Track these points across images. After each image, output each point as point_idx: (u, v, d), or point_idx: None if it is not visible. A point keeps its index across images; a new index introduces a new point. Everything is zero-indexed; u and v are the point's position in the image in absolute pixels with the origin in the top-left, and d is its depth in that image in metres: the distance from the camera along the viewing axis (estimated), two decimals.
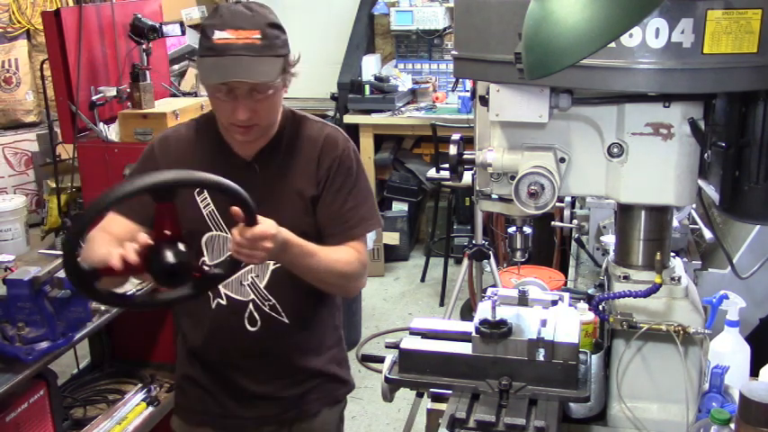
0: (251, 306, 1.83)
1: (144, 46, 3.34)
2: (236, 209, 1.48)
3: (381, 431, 3.64)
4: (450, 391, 1.59)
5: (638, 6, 1.07)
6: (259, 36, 1.66)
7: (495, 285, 3.20)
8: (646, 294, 1.49)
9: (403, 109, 5.46)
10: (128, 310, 2.72)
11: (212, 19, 1.68)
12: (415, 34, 5.80)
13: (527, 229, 1.66)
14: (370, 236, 4.20)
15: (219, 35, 1.65)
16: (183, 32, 3.68)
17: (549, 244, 3.86)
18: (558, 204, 2.41)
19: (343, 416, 2.09)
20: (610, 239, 2.25)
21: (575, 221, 2.72)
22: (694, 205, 2.38)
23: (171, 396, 2.93)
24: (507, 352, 1.53)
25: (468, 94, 4.84)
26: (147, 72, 3.33)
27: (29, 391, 2.38)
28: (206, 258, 1.81)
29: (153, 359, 3.38)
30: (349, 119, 5.42)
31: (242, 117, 1.69)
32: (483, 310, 1.60)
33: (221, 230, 1.78)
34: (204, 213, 1.78)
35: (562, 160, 1.50)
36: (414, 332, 1.69)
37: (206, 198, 1.78)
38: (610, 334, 1.65)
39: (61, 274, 2.28)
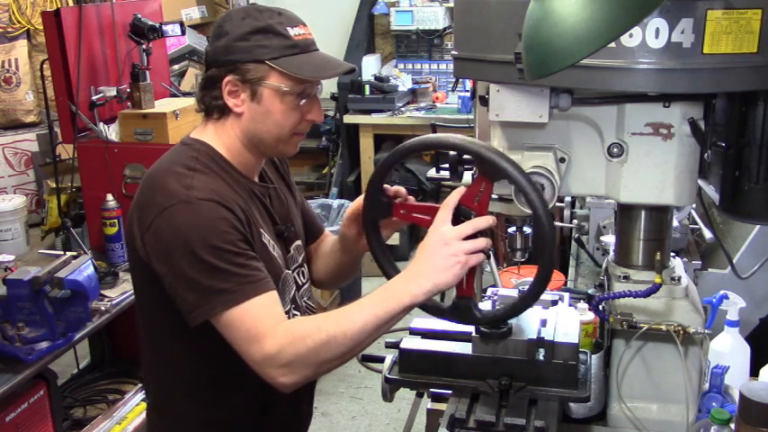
0: None
1: (144, 46, 3.34)
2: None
3: (381, 431, 3.64)
4: (450, 391, 1.59)
5: (638, 6, 1.07)
6: None
7: (495, 285, 3.19)
8: (646, 294, 1.49)
9: (403, 109, 5.46)
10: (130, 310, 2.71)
11: (271, 19, 1.51)
12: (415, 34, 5.80)
13: (527, 229, 1.66)
14: None
15: (296, 31, 1.52)
16: (183, 32, 3.67)
17: None
18: (558, 204, 2.41)
19: None
20: (610, 239, 2.25)
21: (575, 221, 2.72)
22: (694, 205, 2.38)
23: None
24: (507, 352, 1.53)
25: (468, 94, 4.84)
26: (147, 72, 3.33)
27: (29, 391, 2.38)
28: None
29: None
30: (349, 119, 5.43)
31: (321, 117, 1.60)
32: None
33: (287, 269, 1.68)
34: (275, 255, 1.61)
35: (562, 160, 1.50)
36: (414, 332, 1.69)
37: (269, 239, 1.61)
38: (610, 334, 1.65)
39: (61, 274, 2.28)
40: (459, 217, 1.40)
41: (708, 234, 2.47)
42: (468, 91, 4.74)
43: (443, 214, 1.39)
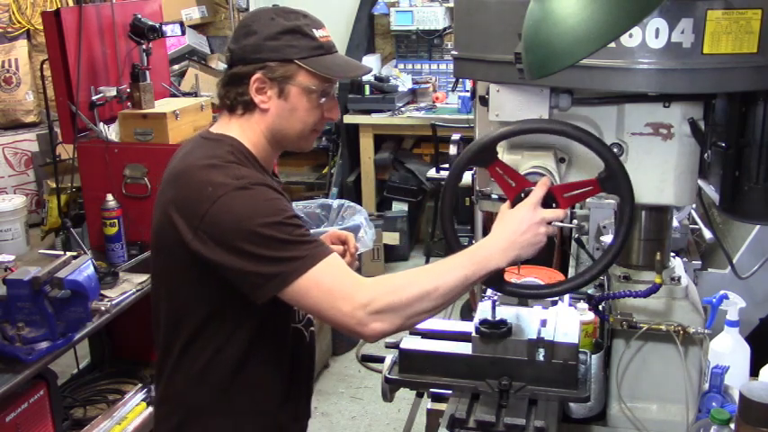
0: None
1: (144, 46, 3.34)
2: None
3: (381, 431, 3.64)
4: (450, 391, 1.59)
5: (638, 6, 1.07)
6: None
7: None
8: (646, 294, 1.49)
9: (403, 109, 5.46)
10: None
11: (296, 20, 1.58)
12: (414, 34, 5.80)
13: None
14: (370, 236, 4.22)
15: (320, 33, 1.60)
16: (183, 32, 3.67)
17: (549, 244, 3.86)
18: None
19: None
20: (610, 239, 2.25)
21: (575, 221, 2.71)
22: (694, 205, 2.38)
23: None
24: (507, 352, 1.53)
25: (468, 94, 4.84)
26: (147, 72, 3.33)
27: (29, 391, 2.38)
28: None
29: (153, 359, 3.35)
30: (349, 119, 5.42)
31: (338, 115, 1.68)
32: (483, 310, 1.61)
33: None
34: None
35: (562, 160, 1.50)
36: (414, 332, 1.69)
37: None
38: (610, 334, 1.65)
39: (61, 274, 2.28)
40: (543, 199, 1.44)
41: (708, 234, 2.47)
42: (468, 91, 4.73)
43: (540, 192, 1.43)
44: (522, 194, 1.44)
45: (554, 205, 1.43)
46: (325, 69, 1.58)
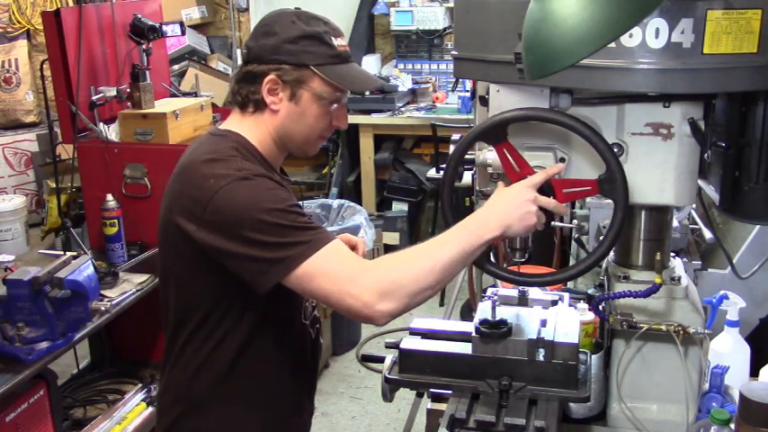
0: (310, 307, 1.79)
1: (144, 46, 3.34)
2: None
3: (381, 431, 3.64)
4: (450, 391, 1.59)
5: (638, 6, 1.07)
6: None
7: (495, 285, 3.19)
8: (646, 294, 1.49)
9: (403, 109, 5.46)
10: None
11: (317, 26, 1.59)
12: (415, 34, 5.80)
13: None
14: (370, 236, 4.22)
15: (339, 42, 1.61)
16: (183, 32, 3.67)
17: (549, 244, 3.86)
18: None
19: None
20: None
21: (575, 221, 2.71)
22: (694, 205, 2.38)
23: None
24: (507, 352, 1.53)
25: (468, 94, 4.84)
26: (147, 72, 3.33)
27: (29, 391, 2.38)
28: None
29: (153, 359, 3.38)
30: (349, 119, 5.42)
31: (346, 125, 1.70)
32: (483, 310, 1.61)
33: None
34: None
35: (562, 160, 1.50)
36: (414, 332, 1.69)
37: None
38: (610, 334, 1.65)
39: (61, 274, 2.28)
40: (541, 188, 1.45)
41: (708, 234, 2.47)
42: (468, 91, 4.73)
43: (539, 178, 1.44)
44: None
45: (551, 197, 1.44)
46: (339, 79, 1.59)
